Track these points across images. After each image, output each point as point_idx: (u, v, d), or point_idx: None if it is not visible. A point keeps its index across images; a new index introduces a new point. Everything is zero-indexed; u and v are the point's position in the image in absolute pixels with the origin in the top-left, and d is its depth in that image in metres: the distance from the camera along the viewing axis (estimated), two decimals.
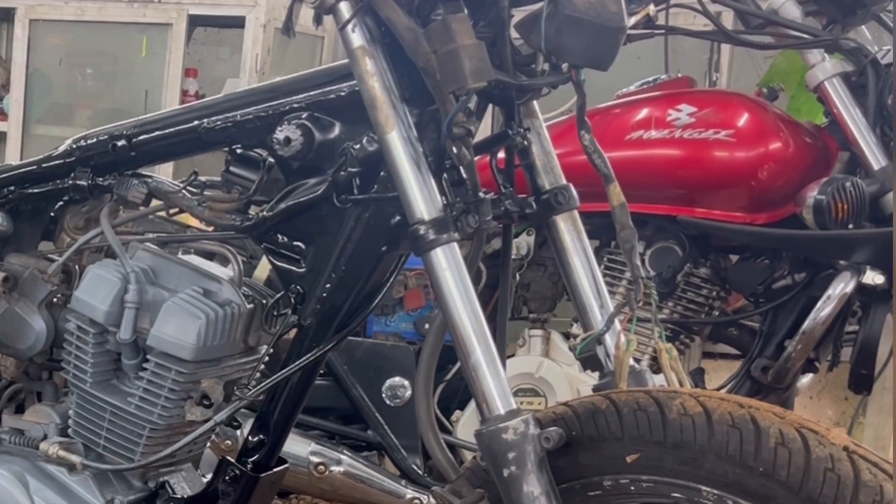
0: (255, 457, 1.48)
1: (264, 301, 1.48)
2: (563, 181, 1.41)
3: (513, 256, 1.75)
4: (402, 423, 2.31)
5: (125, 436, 1.49)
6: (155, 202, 1.53)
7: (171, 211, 1.54)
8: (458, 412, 2.38)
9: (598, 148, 1.33)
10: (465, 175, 1.29)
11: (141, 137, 1.51)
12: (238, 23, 3.98)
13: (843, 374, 2.24)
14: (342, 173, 1.33)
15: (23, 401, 1.69)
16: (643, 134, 2.23)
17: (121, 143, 1.52)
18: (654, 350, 1.50)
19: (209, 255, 1.55)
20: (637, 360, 1.40)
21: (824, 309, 2.11)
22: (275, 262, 1.43)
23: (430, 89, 1.21)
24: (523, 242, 2.32)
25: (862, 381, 2.17)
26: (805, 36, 2.06)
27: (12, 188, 1.61)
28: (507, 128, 1.37)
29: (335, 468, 2.29)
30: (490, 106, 1.40)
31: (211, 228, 1.52)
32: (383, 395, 2.33)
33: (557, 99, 1.56)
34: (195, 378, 1.43)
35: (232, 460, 1.49)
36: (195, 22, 4.09)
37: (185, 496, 1.55)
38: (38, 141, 4.21)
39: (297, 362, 1.40)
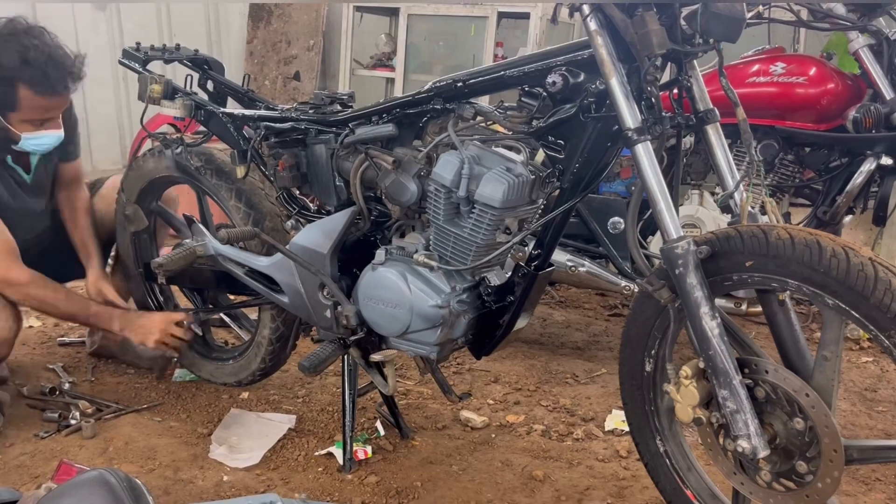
0: (536, 262, 1.88)
1: (541, 174, 1.80)
2: (711, 105, 1.74)
3: (682, 148, 1.90)
4: (619, 243, 2.77)
5: (462, 250, 1.88)
6: (479, 118, 1.88)
7: (488, 123, 1.89)
8: (650, 237, 2.88)
9: (730, 86, 1.68)
10: (654, 102, 1.63)
11: (471, 81, 1.86)
12: (526, 16, 4.91)
13: (869, 215, 2.77)
14: (585, 102, 1.69)
15: (404, 231, 2.08)
16: (755, 79, 2.72)
17: (460, 83, 1.87)
18: (762, 202, 1.69)
19: (509, 148, 1.85)
20: (752, 208, 1.70)
21: (858, 178, 2.70)
22: (547, 151, 1.79)
23: (634, 54, 1.59)
24: (687, 140, 2.76)
25: (879, 219, 2.76)
26: (847, 23, 2.61)
27: (398, 109, 1.99)
28: (678, 76, 1.72)
29: (581, 269, 2.80)
30: (668, 63, 1.74)
31: (510, 133, 1.83)
32: (608, 227, 2.79)
33: (707, 59, 1.75)
34: (501, 217, 1.80)
35: (522, 264, 1.89)
36: (502, 16, 5.02)
37: (496, 284, 1.96)
38: (413, 83, 5.14)
39: (559, 208, 1.79)
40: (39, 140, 2.47)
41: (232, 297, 2.85)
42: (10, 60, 2.30)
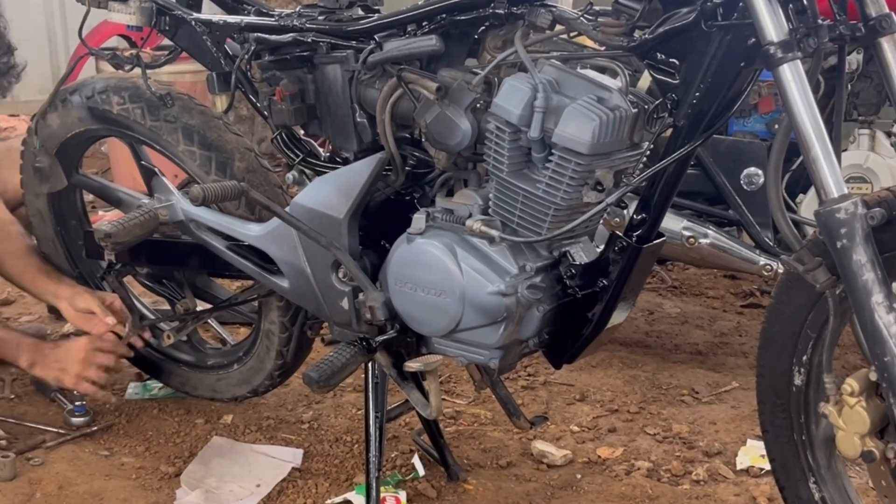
0: (639, 231, 1.96)
1: (646, 106, 1.87)
2: (887, 10, 1.79)
3: (845, 70, 1.93)
4: (757, 205, 2.82)
5: (534, 214, 1.95)
6: (558, 27, 1.90)
7: (571, 34, 1.95)
8: (801, 195, 2.91)
9: None
10: (806, 4, 1.67)
11: None
12: None
13: None
14: (709, 4, 1.73)
15: (452, 187, 2.13)
16: None
17: None
18: None
19: (601, 70, 1.91)
20: None
21: None
22: (654, 75, 1.85)
23: None
24: (853, 59, 2.77)
25: None
26: None
27: (444, 16, 2.01)
28: None
29: (703, 240, 2.90)
30: None
31: (602, 48, 1.89)
32: (741, 182, 2.85)
33: None
34: (590, 168, 1.87)
35: (620, 234, 1.97)
36: None
37: (582, 263, 2.02)
38: None
39: (672, 155, 1.85)
40: None
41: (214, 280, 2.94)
42: None
